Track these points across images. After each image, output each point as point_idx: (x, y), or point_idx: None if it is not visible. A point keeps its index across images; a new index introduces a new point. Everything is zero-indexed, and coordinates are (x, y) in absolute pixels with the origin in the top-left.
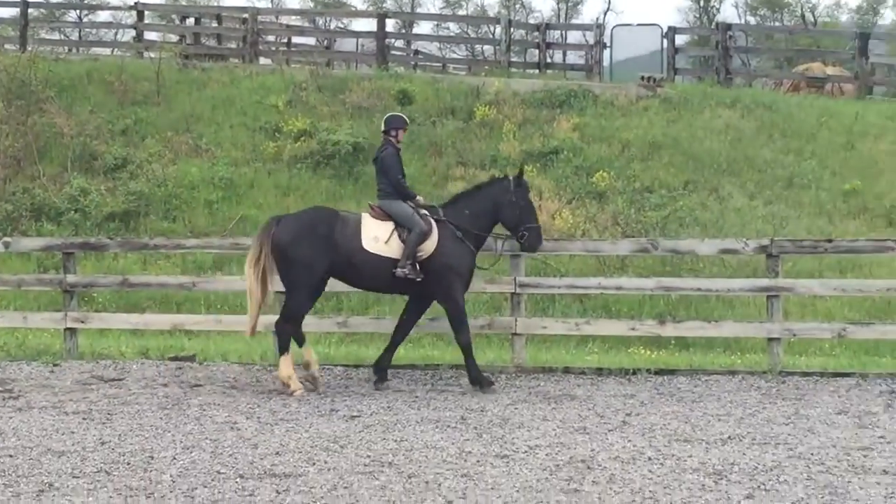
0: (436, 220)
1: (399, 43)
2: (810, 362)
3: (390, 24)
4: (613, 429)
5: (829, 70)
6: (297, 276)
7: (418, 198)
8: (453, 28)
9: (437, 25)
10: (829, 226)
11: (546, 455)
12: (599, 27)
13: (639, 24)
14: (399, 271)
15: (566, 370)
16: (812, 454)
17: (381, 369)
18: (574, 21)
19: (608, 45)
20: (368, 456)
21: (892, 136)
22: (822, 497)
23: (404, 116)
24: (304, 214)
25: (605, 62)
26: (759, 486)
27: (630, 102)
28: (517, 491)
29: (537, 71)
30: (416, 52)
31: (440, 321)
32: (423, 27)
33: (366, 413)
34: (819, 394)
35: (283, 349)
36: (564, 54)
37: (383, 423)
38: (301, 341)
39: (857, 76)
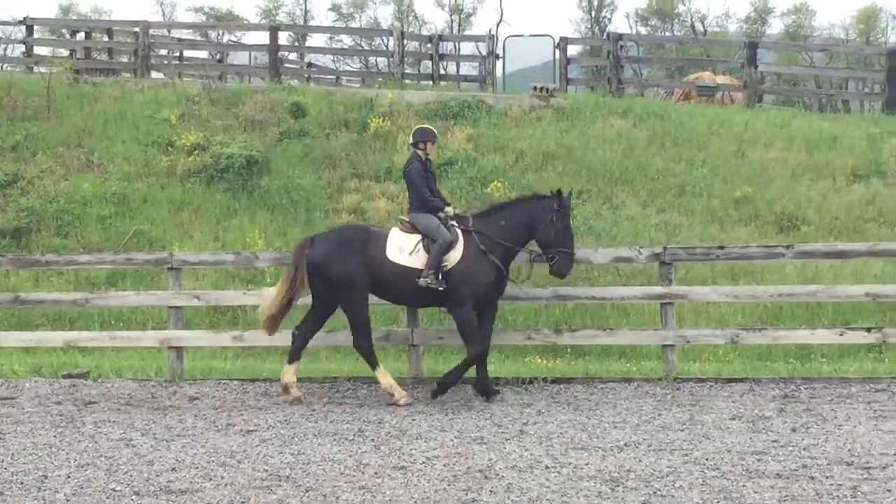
0: (463, 231)
1: (292, 56)
2: (704, 368)
3: (283, 37)
4: (511, 438)
5: (720, 79)
6: (346, 293)
7: (447, 209)
8: (347, 40)
9: (331, 38)
10: (721, 233)
11: (444, 465)
12: (492, 38)
13: (531, 35)
14: (422, 280)
15: (463, 380)
16: (707, 459)
17: (483, 386)
18: (467, 33)
19: (501, 56)
20: (265, 470)
21: (781, 144)
22: (718, 502)
23: (433, 129)
24: (337, 232)
25: (498, 73)
26: (655, 493)
27: (523, 113)
28: (415, 502)
29: (431, 82)
30: (310, 64)
31: (336, 334)
32: (317, 40)
33: (262, 427)
34: (713, 399)
35: (372, 364)
36: (458, 65)
37: (280, 436)
38: (297, 358)
39: (746, 85)
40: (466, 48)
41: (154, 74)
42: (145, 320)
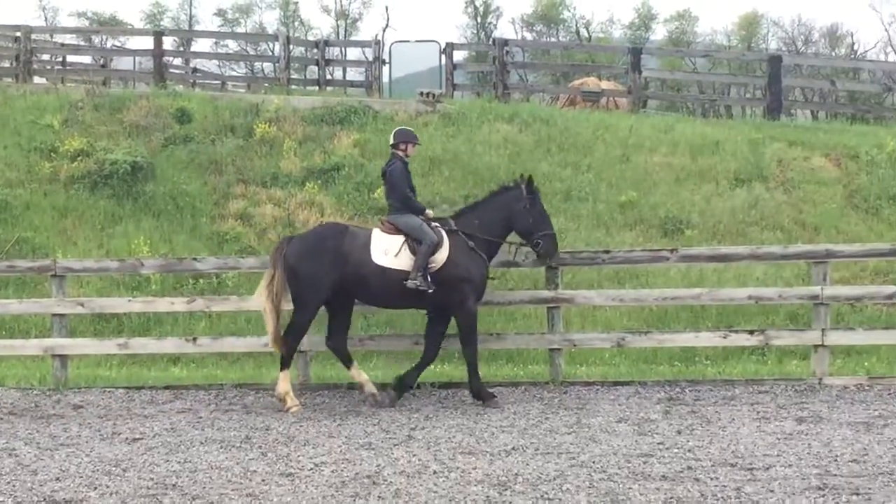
0: (447, 231)
1: (177, 61)
2: (591, 372)
3: (168, 42)
4: (399, 443)
5: (604, 84)
6: (304, 291)
7: (427, 211)
8: (232, 45)
9: (216, 43)
10: (607, 237)
11: (332, 472)
12: (378, 44)
13: (417, 41)
14: (410, 283)
15: (350, 386)
16: (594, 462)
17: (405, 386)
18: (353, 38)
19: (387, 61)
20: (151, 479)
21: (665, 149)
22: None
23: (412, 130)
24: (313, 231)
25: (385, 79)
26: (542, 496)
27: (410, 118)
28: None
29: (317, 88)
30: (195, 69)
31: (223, 340)
32: (202, 45)
33: (148, 435)
34: (600, 403)
35: (283, 365)
36: (344, 71)
37: (166, 444)
38: (349, 363)
39: (630, 90)
40: (353, 53)
41: (36, 80)
42: (28, 328)
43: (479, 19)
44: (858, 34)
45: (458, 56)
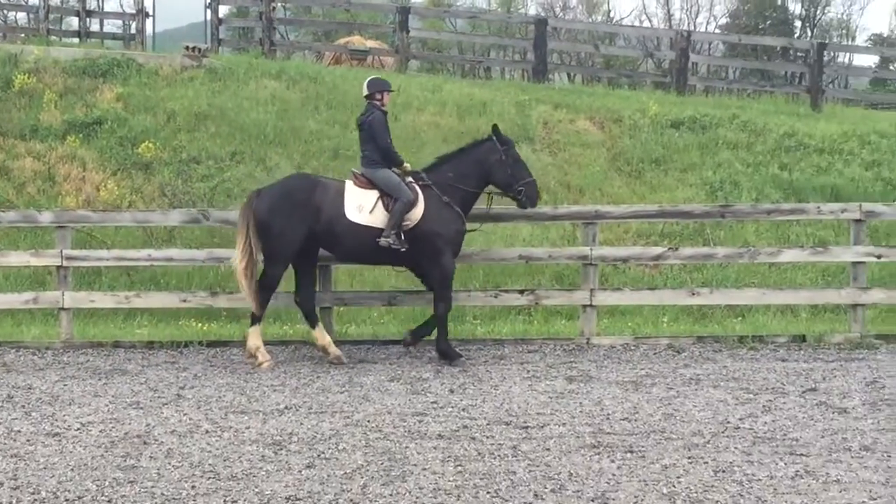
0: (421, 186)
1: None
2: (361, 331)
3: None
4: (168, 402)
5: (370, 43)
6: (274, 244)
7: (405, 164)
8: None
9: None
10: None
11: (100, 432)
12: None
13: None
14: (383, 241)
15: (116, 344)
16: (369, 421)
17: (418, 336)
18: None
19: (151, 14)
20: None
21: (433, 108)
22: (382, 463)
23: (385, 78)
24: (281, 183)
25: (149, 31)
26: (318, 455)
27: (175, 72)
28: (71, 469)
29: (78, 39)
30: None
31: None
32: None
33: None
34: (371, 362)
35: (254, 320)
36: (101, 23)
37: None
38: (314, 323)
39: (397, 50)
40: (114, 5)
41: None
42: None
43: None
44: (615, 2)
45: (224, 11)
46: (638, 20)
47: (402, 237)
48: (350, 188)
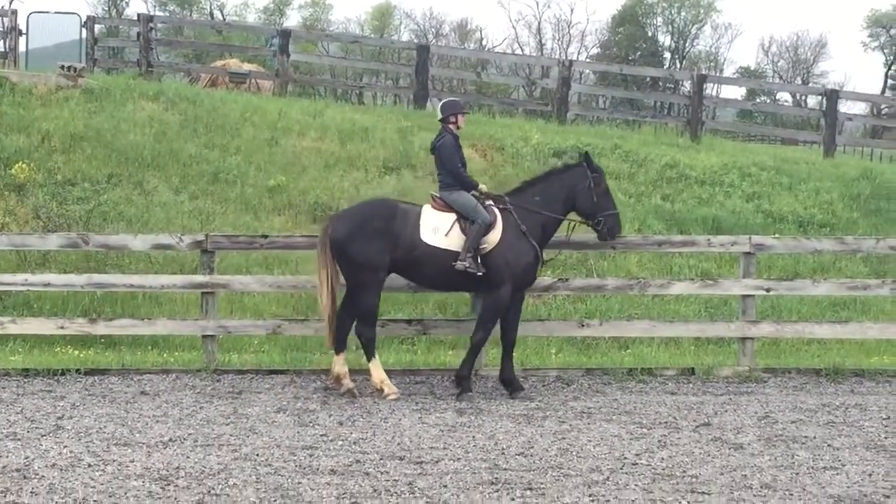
0: (501, 210)
1: None
2: (244, 360)
3: None
4: (46, 434)
5: (247, 66)
6: (360, 275)
7: (480, 186)
8: None
9: None
10: (256, 221)
11: None
12: (14, 13)
13: (56, 12)
14: (459, 264)
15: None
16: (258, 455)
17: (507, 380)
18: None
19: (24, 32)
20: None
21: (314, 133)
22: (275, 500)
23: (460, 101)
24: (359, 208)
25: (22, 49)
26: (209, 491)
27: (50, 92)
28: None
29: None
30: None
31: None
32: None
33: None
34: (256, 392)
35: (369, 355)
36: None
37: None
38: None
39: (278, 73)
40: None
41: None
42: None
43: None
44: (487, 30)
45: (101, 30)
46: (510, 49)
47: (479, 261)
48: (427, 211)
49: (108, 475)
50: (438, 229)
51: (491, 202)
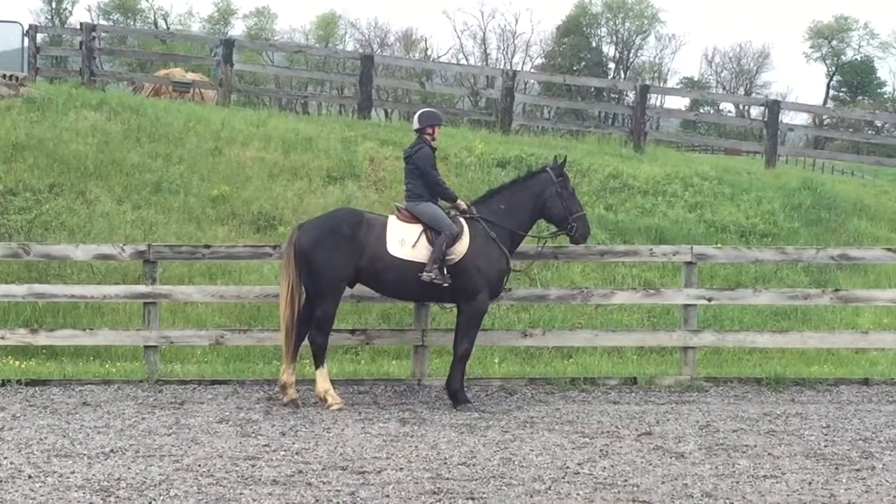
0: (467, 219)
1: None
2: (186, 370)
3: None
4: None
5: (190, 76)
6: (322, 283)
7: (459, 201)
8: None
9: None
10: (199, 231)
11: None
12: None
13: None
14: (425, 275)
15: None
16: (199, 466)
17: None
18: None
19: None
20: None
21: (258, 143)
22: None
23: (438, 112)
24: (325, 218)
25: None
26: (150, 502)
27: None
28: None
29: None
30: None
31: None
32: None
33: None
34: (198, 402)
35: (317, 362)
36: None
37: None
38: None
39: (221, 83)
40: None
41: None
42: None
43: (53, 4)
44: (432, 40)
45: (41, 39)
46: (455, 59)
47: (445, 272)
48: (393, 223)
49: (49, 486)
50: (405, 241)
51: (456, 213)
